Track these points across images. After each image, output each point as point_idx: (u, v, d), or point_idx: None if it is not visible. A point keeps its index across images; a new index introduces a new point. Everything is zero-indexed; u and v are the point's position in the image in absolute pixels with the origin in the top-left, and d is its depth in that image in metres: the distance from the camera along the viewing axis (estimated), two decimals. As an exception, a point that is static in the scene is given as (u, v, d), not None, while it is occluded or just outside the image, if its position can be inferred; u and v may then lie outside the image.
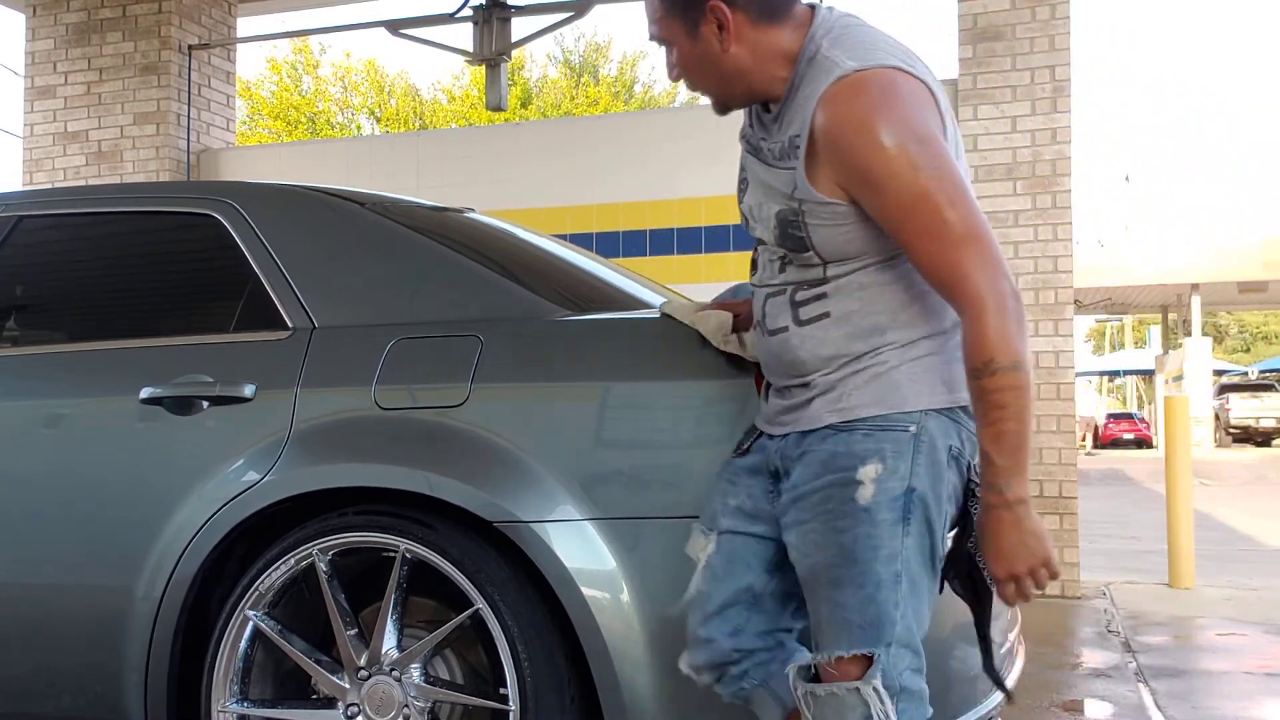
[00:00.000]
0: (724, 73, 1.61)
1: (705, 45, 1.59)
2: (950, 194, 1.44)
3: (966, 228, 1.44)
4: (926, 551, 1.52)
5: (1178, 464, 5.79)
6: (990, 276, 1.42)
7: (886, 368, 1.53)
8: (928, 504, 1.50)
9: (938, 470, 1.51)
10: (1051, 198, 5.39)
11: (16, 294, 2.67)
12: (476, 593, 1.95)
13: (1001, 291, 1.42)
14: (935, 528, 1.51)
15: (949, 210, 1.44)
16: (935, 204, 1.44)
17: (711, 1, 1.55)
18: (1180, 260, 21.72)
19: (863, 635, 1.49)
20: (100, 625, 2.18)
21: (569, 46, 23.12)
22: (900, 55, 1.52)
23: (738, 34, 1.56)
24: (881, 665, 1.48)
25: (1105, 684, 3.72)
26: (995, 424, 1.44)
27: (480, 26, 6.71)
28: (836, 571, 1.51)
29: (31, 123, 7.18)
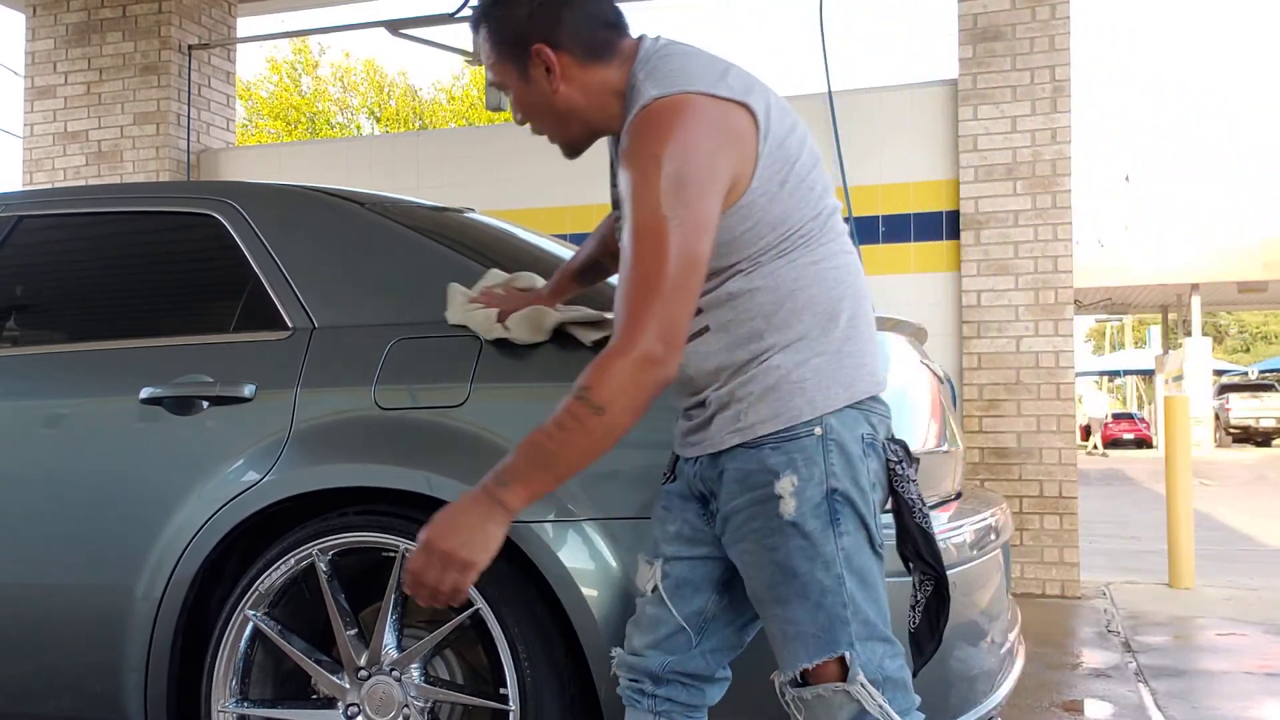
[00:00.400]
0: (559, 114, 1.63)
1: (536, 88, 1.61)
2: (666, 247, 1.43)
3: (656, 276, 1.43)
4: (865, 544, 1.53)
5: (1178, 464, 5.79)
6: (646, 329, 1.41)
7: (777, 376, 1.52)
8: (853, 499, 1.51)
9: (854, 463, 1.52)
10: (1051, 198, 5.39)
11: (16, 294, 2.67)
12: (476, 593, 1.95)
13: (643, 344, 1.41)
14: (867, 519, 1.52)
15: (655, 254, 1.43)
16: (648, 243, 1.44)
17: (535, 45, 1.58)
18: (1180, 260, 21.72)
19: (819, 643, 1.50)
20: (100, 625, 2.18)
21: (569, 46, 23.09)
22: (711, 79, 1.52)
23: (565, 75, 1.59)
24: (858, 662, 1.49)
25: (1105, 684, 3.72)
26: (545, 433, 1.43)
27: (480, 26, 6.70)
28: (779, 590, 1.51)
29: (31, 123, 7.19)
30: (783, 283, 1.53)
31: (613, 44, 1.60)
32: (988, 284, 5.47)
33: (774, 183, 1.52)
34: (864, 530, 1.52)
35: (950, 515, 2.17)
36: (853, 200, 5.68)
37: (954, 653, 1.97)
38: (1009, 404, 5.42)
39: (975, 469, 5.40)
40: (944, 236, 5.60)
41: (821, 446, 1.50)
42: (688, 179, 1.45)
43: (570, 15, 1.58)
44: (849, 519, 1.51)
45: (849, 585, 1.49)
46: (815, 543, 1.49)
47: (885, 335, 2.36)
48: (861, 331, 1.58)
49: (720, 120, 1.49)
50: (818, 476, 1.49)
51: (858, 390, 1.54)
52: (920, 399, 2.45)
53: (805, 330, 1.53)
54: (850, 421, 1.53)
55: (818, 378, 1.52)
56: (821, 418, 1.51)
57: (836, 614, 1.49)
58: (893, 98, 5.77)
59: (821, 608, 1.49)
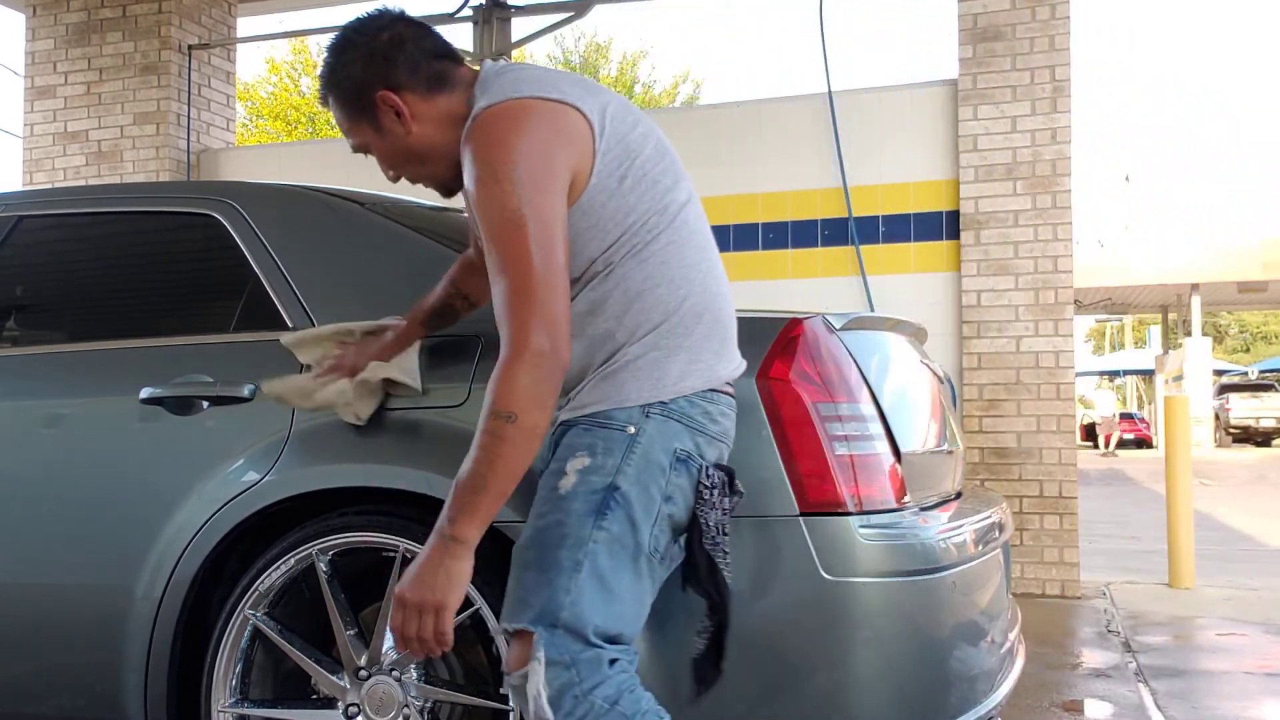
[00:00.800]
0: (420, 154, 1.67)
1: (392, 136, 1.67)
2: (521, 245, 1.48)
3: (522, 277, 1.48)
4: (626, 549, 1.53)
5: (1178, 464, 5.80)
6: (529, 330, 1.46)
7: (615, 367, 1.58)
8: (631, 503, 1.52)
9: (652, 472, 1.54)
10: (1051, 198, 5.39)
11: (16, 294, 2.68)
12: (476, 592, 1.95)
13: (532, 346, 1.46)
14: (640, 526, 1.53)
15: (515, 256, 1.48)
16: (506, 247, 1.49)
17: (379, 93, 1.63)
18: (1180, 260, 21.72)
19: (526, 611, 1.53)
20: (100, 625, 2.18)
21: (569, 46, 23.10)
22: (543, 87, 1.56)
23: (414, 114, 1.64)
24: (543, 643, 1.50)
25: (1105, 684, 3.72)
26: (472, 460, 1.48)
27: (480, 26, 6.71)
28: (525, 554, 1.56)
29: (31, 123, 7.19)
30: (633, 284, 1.57)
31: (450, 73, 1.66)
32: (988, 284, 5.47)
33: (613, 179, 1.56)
34: (631, 534, 1.53)
35: (950, 515, 2.17)
36: (853, 200, 5.68)
37: (954, 653, 1.97)
38: (1009, 404, 5.42)
39: (975, 469, 5.40)
40: (944, 236, 5.60)
41: (627, 443, 1.54)
42: (526, 177, 1.49)
43: (402, 55, 1.64)
44: (617, 520, 1.52)
45: (583, 576, 1.51)
46: (571, 523, 1.52)
47: (885, 335, 2.37)
48: (704, 328, 1.61)
49: (552, 120, 1.53)
50: (608, 468, 1.53)
51: (686, 385, 1.57)
52: (920, 399, 2.45)
53: (648, 328, 1.58)
54: (669, 433, 1.56)
55: (649, 369, 1.56)
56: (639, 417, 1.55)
57: (556, 596, 1.51)
58: (893, 98, 5.77)
59: (549, 584, 1.51)
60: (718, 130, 5.93)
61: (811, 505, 1.86)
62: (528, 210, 1.48)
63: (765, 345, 1.94)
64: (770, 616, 1.87)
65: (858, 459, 1.91)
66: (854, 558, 1.84)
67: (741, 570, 1.88)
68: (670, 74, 36.26)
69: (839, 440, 1.90)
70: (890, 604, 1.87)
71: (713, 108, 6.37)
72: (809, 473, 1.87)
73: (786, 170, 5.78)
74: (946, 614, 1.97)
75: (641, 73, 23.29)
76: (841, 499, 1.86)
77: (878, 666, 1.86)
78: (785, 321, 1.98)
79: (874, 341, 2.26)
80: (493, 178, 1.49)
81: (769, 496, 1.87)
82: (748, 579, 1.89)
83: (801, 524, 1.85)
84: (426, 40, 1.67)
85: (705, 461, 1.60)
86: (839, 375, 1.96)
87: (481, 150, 1.52)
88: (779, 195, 5.79)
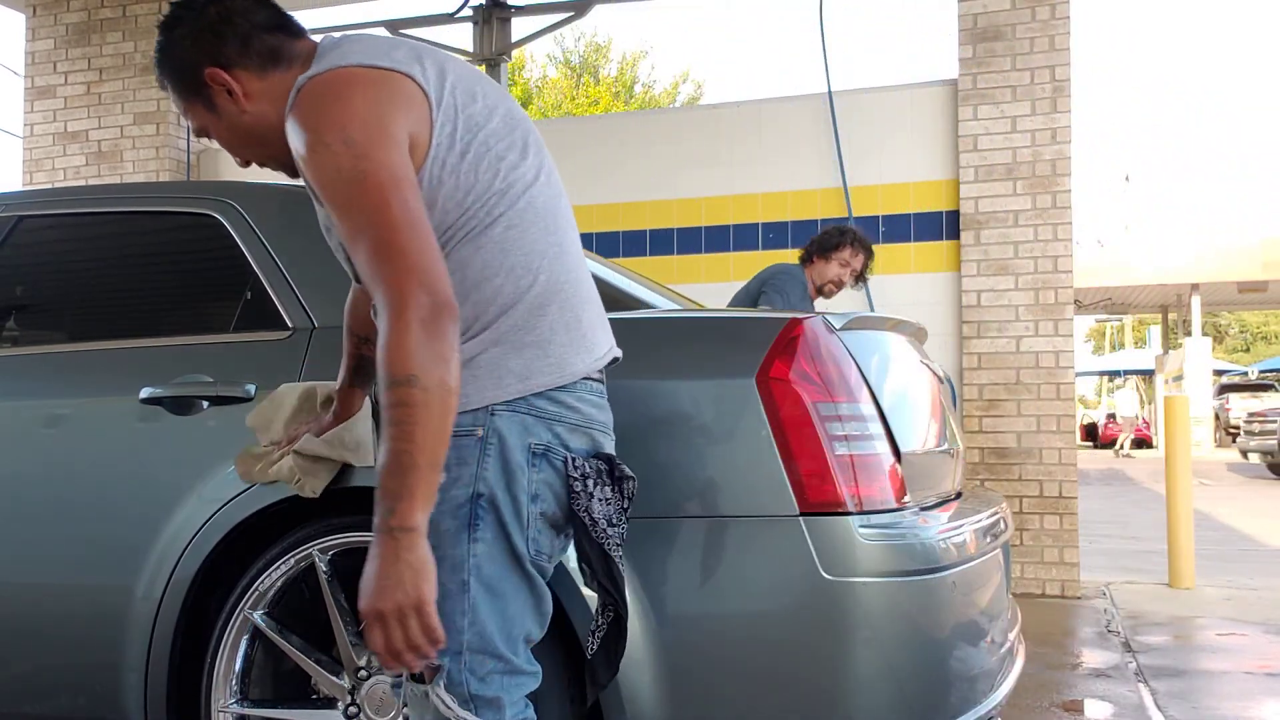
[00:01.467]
0: (259, 135, 1.58)
1: (228, 115, 1.57)
2: (371, 198, 1.38)
3: (380, 230, 1.37)
4: (505, 555, 1.46)
5: (1178, 464, 5.79)
6: (404, 285, 1.34)
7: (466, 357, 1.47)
8: (499, 508, 1.45)
9: (512, 471, 1.45)
10: (1051, 198, 5.39)
11: (16, 294, 2.68)
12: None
13: (411, 302, 1.33)
14: (511, 530, 1.46)
15: (366, 210, 1.38)
16: (354, 206, 1.38)
17: (208, 71, 1.54)
18: (1180, 260, 21.71)
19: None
20: (100, 625, 2.18)
21: (569, 46, 23.11)
22: (372, 56, 1.47)
23: (248, 92, 1.55)
24: (448, 672, 1.44)
25: (1105, 684, 3.72)
26: (388, 440, 1.34)
27: (480, 26, 6.72)
28: None
29: (31, 123, 7.18)
30: (469, 273, 1.47)
31: (285, 48, 1.57)
32: (988, 284, 5.47)
33: (453, 153, 1.47)
34: (505, 540, 1.46)
35: (950, 515, 2.17)
36: (853, 200, 5.68)
37: (954, 653, 1.97)
38: (1009, 404, 5.42)
39: (975, 469, 5.40)
40: (944, 236, 5.60)
41: (480, 449, 1.45)
42: (359, 137, 1.40)
43: (231, 30, 1.54)
44: (489, 526, 1.45)
45: (473, 593, 1.44)
46: (445, 544, 1.43)
47: (885, 335, 2.37)
48: (550, 319, 1.50)
49: (381, 83, 1.44)
50: (466, 478, 1.44)
51: (533, 383, 1.47)
52: (920, 399, 2.45)
53: (489, 320, 1.47)
54: (521, 428, 1.46)
55: (490, 367, 1.46)
56: (486, 418, 1.45)
57: (452, 620, 1.42)
58: (893, 98, 5.77)
59: (439, 611, 1.38)
60: (718, 130, 5.93)
61: (811, 505, 1.86)
62: (367, 165, 1.38)
63: (765, 345, 1.94)
64: (770, 616, 1.88)
65: (858, 459, 1.91)
66: (854, 558, 1.84)
67: (741, 570, 1.89)
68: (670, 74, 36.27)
69: (839, 440, 1.90)
70: (890, 604, 1.87)
71: (713, 108, 6.37)
72: (809, 473, 1.87)
73: (786, 170, 5.78)
74: (946, 614, 1.97)
75: (641, 73, 23.31)
76: (841, 499, 1.86)
77: (877, 666, 1.86)
78: (785, 321, 1.98)
79: (874, 341, 2.26)
80: (320, 144, 1.40)
81: (769, 496, 1.87)
82: (747, 579, 1.89)
83: (801, 524, 1.85)
84: (257, 13, 1.57)
85: (570, 452, 1.49)
86: (839, 375, 1.96)
87: (305, 119, 1.42)
88: (779, 195, 5.79)
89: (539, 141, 1.60)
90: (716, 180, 5.83)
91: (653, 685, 1.88)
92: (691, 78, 27.67)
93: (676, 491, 1.92)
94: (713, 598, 1.90)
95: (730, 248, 5.77)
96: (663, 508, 1.92)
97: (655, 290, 2.75)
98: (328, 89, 1.44)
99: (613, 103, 21.80)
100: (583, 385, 1.53)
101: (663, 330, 2.19)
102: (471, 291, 1.47)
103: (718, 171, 5.85)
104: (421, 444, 1.33)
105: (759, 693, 1.87)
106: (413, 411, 1.32)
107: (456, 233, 1.47)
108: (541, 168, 1.56)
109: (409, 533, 1.34)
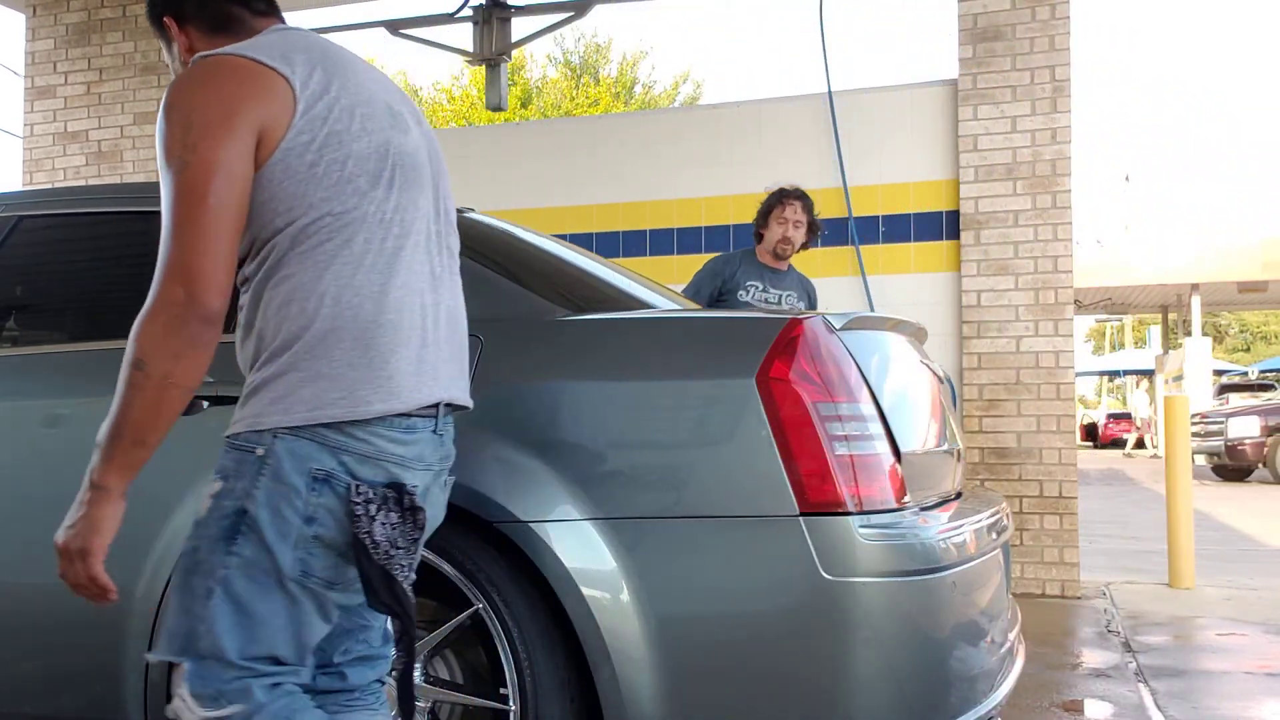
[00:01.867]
0: None
1: (175, 63, 1.67)
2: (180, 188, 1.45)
3: (173, 222, 1.45)
4: (267, 573, 1.47)
5: (1178, 464, 5.80)
6: (169, 277, 1.43)
7: (259, 381, 1.51)
8: (263, 527, 1.46)
9: (285, 494, 1.46)
10: (1051, 198, 5.39)
11: (16, 294, 2.67)
12: (476, 593, 1.95)
13: (168, 296, 1.42)
14: (276, 550, 1.46)
15: (171, 199, 1.46)
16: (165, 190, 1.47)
17: (165, 18, 1.64)
18: (1180, 260, 21.70)
19: (171, 643, 1.49)
20: (100, 626, 2.18)
21: (569, 47, 23.11)
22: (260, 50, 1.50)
23: (192, 49, 1.63)
24: (188, 676, 1.47)
25: (1105, 684, 3.72)
26: (114, 404, 1.46)
27: (480, 26, 6.72)
28: (176, 578, 1.53)
29: (31, 123, 7.18)
30: (284, 289, 1.49)
31: (241, 19, 1.63)
32: (988, 284, 5.47)
33: (302, 161, 1.47)
34: (267, 559, 1.47)
35: (950, 515, 2.17)
36: (853, 200, 5.69)
37: (954, 653, 1.97)
38: (1009, 404, 5.42)
39: (975, 469, 5.40)
40: (944, 236, 5.60)
41: (257, 466, 1.47)
42: (199, 123, 1.45)
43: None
44: (249, 544, 1.47)
45: (215, 602, 1.46)
46: (204, 550, 1.48)
47: (885, 335, 2.37)
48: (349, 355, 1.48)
49: (246, 73, 1.48)
50: (238, 492, 1.47)
51: (322, 413, 1.46)
52: (920, 399, 2.45)
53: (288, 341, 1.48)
54: (303, 453, 1.46)
55: (284, 391, 1.47)
56: (269, 439, 1.47)
57: (194, 625, 1.47)
58: (893, 98, 5.77)
59: (188, 612, 1.47)
60: (718, 130, 5.93)
61: (811, 505, 1.86)
62: (190, 157, 1.44)
63: (765, 345, 1.94)
64: (770, 616, 1.88)
65: (858, 459, 1.91)
66: (854, 558, 1.84)
67: (741, 570, 1.89)
68: (670, 74, 36.25)
69: (839, 440, 1.90)
70: (890, 604, 1.87)
71: (713, 108, 6.37)
72: (809, 473, 1.87)
73: (786, 170, 5.77)
74: (946, 614, 1.97)
75: (641, 73, 23.31)
76: (841, 499, 1.86)
77: (877, 666, 1.86)
78: (785, 321, 1.98)
79: (874, 341, 2.26)
80: (166, 121, 1.46)
81: (769, 496, 1.87)
82: (748, 579, 1.89)
83: (801, 524, 1.85)
84: None
85: (357, 480, 1.48)
86: (839, 375, 1.96)
87: (169, 95, 1.48)
88: (779, 195, 5.78)
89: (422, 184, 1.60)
90: (716, 180, 5.83)
91: (653, 685, 1.88)
92: (691, 78, 27.65)
93: (676, 491, 1.92)
94: (713, 598, 1.90)
95: (730, 248, 5.76)
96: (663, 508, 1.92)
97: (655, 290, 2.75)
98: (196, 72, 1.50)
99: (613, 103, 21.80)
100: (386, 422, 1.50)
101: (663, 330, 2.19)
102: (281, 308, 1.49)
103: (718, 171, 5.85)
104: (131, 421, 1.45)
105: (759, 693, 1.87)
106: (132, 392, 1.44)
107: (282, 241, 1.49)
108: (399, 207, 1.55)
109: (101, 490, 1.46)
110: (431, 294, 1.58)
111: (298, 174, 1.48)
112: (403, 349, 1.52)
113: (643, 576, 1.90)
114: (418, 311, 1.55)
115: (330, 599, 1.53)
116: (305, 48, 1.55)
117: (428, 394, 1.54)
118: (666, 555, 1.90)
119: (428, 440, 1.56)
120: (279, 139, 1.47)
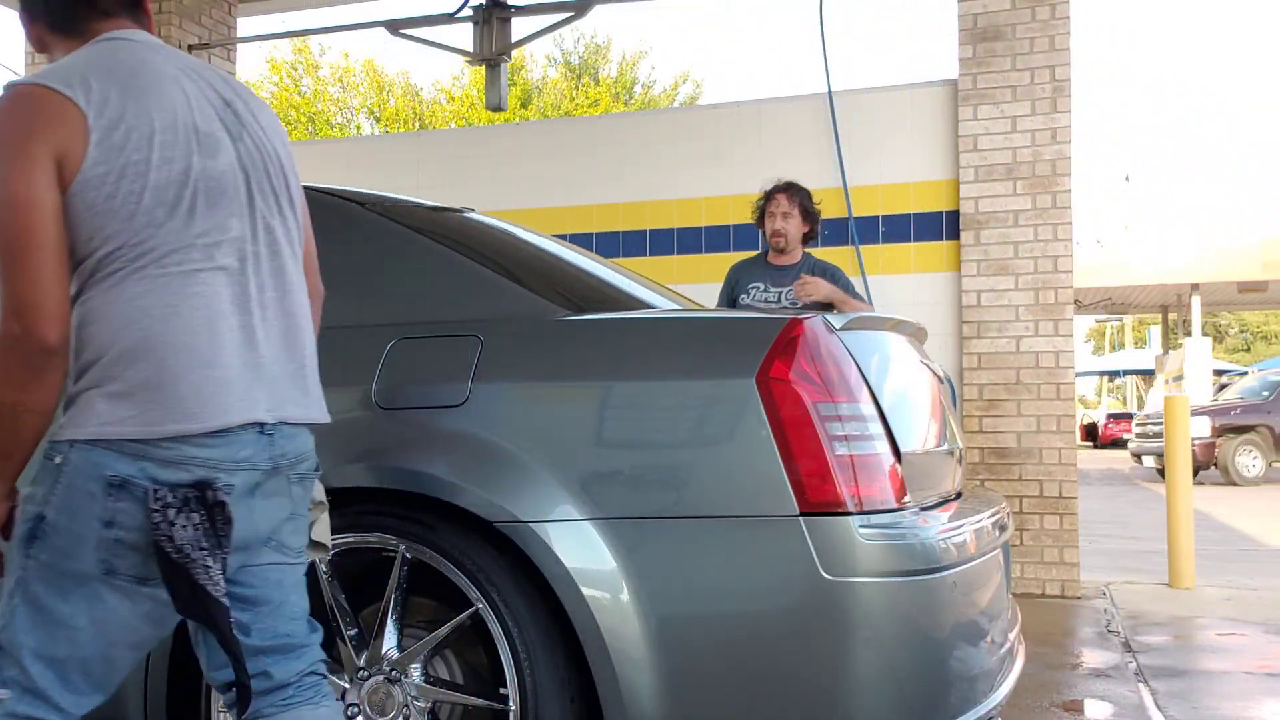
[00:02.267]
0: None
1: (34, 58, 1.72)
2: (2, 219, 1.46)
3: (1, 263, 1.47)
4: (67, 576, 1.51)
5: (1178, 464, 5.80)
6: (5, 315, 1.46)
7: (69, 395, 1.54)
8: (58, 532, 1.50)
9: (80, 500, 1.49)
10: (1051, 198, 5.39)
11: None
12: (476, 593, 1.95)
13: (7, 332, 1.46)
14: (74, 554, 1.50)
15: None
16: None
17: (21, 13, 1.68)
18: (1180, 260, 21.70)
19: None
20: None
21: (569, 47, 23.12)
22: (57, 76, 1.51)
23: (40, 44, 1.67)
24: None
25: (1105, 684, 3.72)
26: None
27: (480, 26, 6.71)
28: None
29: (31, 123, 7.17)
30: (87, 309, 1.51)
31: (85, 22, 1.63)
32: (988, 284, 5.47)
33: (100, 194, 1.49)
34: (67, 562, 1.50)
35: (950, 515, 2.17)
36: (853, 200, 5.68)
37: (954, 653, 1.97)
38: (1009, 404, 5.42)
39: (975, 469, 5.40)
40: (944, 236, 5.60)
41: (55, 473, 1.51)
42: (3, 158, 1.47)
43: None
44: (46, 548, 1.50)
45: (14, 603, 1.52)
46: (12, 551, 1.54)
47: (885, 335, 2.37)
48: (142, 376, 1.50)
49: (40, 102, 1.49)
50: (39, 497, 1.51)
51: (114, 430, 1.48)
52: (920, 399, 2.45)
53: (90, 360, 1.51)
54: (99, 461, 1.49)
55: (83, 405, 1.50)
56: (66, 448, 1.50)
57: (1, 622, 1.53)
58: (893, 98, 5.77)
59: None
60: (718, 130, 5.93)
61: (811, 505, 1.86)
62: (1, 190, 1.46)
63: (765, 345, 1.94)
64: (770, 616, 1.88)
65: (858, 459, 1.91)
66: (854, 558, 1.84)
67: (741, 570, 1.89)
68: (670, 74, 36.28)
69: (839, 440, 1.90)
70: (890, 604, 1.87)
71: (713, 108, 6.37)
72: (809, 473, 1.87)
73: (786, 170, 5.76)
74: (946, 614, 1.97)
75: (641, 73, 23.32)
76: (841, 499, 1.86)
77: (877, 666, 1.86)
78: (785, 321, 1.98)
79: (874, 341, 2.27)
80: None
81: (769, 496, 1.87)
82: (748, 579, 1.89)
83: (801, 524, 1.85)
84: None
85: (157, 484, 1.49)
86: (839, 375, 1.96)
87: None
88: (779, 195, 5.78)
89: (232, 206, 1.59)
90: (716, 180, 5.83)
91: (653, 685, 1.88)
92: (691, 78, 27.67)
93: (677, 491, 1.93)
94: (713, 598, 1.90)
95: (730, 248, 5.77)
96: (663, 508, 1.92)
97: (655, 290, 2.76)
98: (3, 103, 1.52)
99: (612, 103, 21.81)
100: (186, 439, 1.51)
101: (663, 330, 2.19)
102: (81, 330, 1.52)
103: (718, 171, 5.85)
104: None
105: (759, 692, 1.87)
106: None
107: (87, 267, 1.52)
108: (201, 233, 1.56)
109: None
110: (243, 315, 1.58)
111: (95, 207, 1.49)
112: (201, 370, 1.52)
113: (643, 576, 1.90)
114: (224, 334, 1.55)
115: (147, 594, 1.53)
116: (110, 68, 1.54)
117: (237, 415, 1.53)
118: (667, 555, 1.90)
119: (250, 443, 1.55)
120: (76, 169, 1.48)
